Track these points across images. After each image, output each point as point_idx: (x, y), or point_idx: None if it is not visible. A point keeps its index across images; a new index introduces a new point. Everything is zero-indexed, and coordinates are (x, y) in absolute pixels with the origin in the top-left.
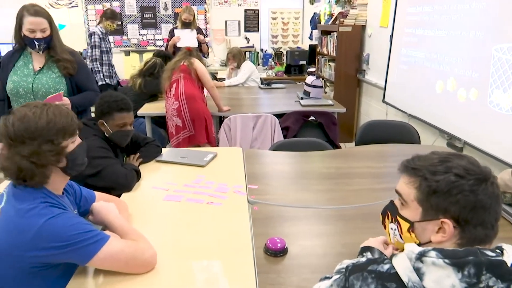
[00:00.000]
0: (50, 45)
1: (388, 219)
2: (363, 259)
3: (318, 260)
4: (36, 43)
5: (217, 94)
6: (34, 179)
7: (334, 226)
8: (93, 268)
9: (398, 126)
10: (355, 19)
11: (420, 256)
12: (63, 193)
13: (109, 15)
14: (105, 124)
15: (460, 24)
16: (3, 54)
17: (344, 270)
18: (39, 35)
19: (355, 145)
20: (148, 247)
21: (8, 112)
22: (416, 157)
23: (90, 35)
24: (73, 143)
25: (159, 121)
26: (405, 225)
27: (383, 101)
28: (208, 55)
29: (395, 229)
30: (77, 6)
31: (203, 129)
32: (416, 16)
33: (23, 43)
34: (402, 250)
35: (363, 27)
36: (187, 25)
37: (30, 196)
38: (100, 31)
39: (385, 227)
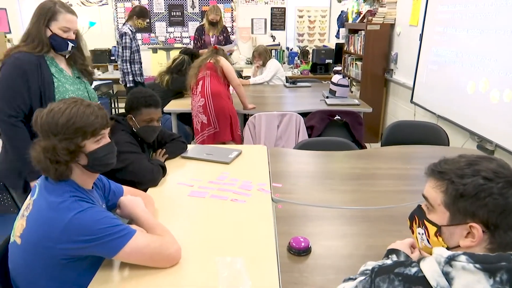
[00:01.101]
0: (77, 49)
1: (415, 223)
2: (389, 261)
3: (342, 261)
4: (70, 45)
5: (242, 92)
6: (49, 173)
7: (358, 227)
8: (119, 261)
9: (427, 127)
10: (383, 17)
11: (450, 260)
12: (92, 188)
13: (139, 13)
14: (133, 118)
15: (495, 22)
16: None
17: (369, 271)
18: (72, 35)
19: (381, 146)
20: (173, 241)
21: None
22: (443, 160)
23: (121, 35)
24: (97, 142)
25: (185, 118)
26: (432, 229)
27: (411, 101)
28: (231, 54)
29: (422, 234)
30: (107, 4)
31: (227, 127)
32: (447, 15)
33: (45, 45)
34: (431, 254)
35: (392, 26)
36: (213, 25)
37: (60, 190)
38: (130, 29)
39: (413, 232)
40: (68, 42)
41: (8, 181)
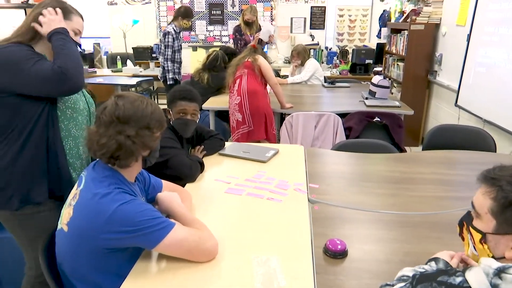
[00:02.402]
0: None
1: (465, 230)
2: (427, 267)
3: (379, 266)
4: (80, 49)
5: (280, 91)
6: (129, 159)
7: (396, 233)
8: (157, 254)
9: (472, 131)
10: (428, 17)
11: (499, 272)
12: (134, 181)
13: (184, 14)
14: (170, 112)
15: None
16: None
17: (406, 277)
18: (79, 40)
19: (422, 150)
20: (210, 236)
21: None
22: (499, 167)
23: (165, 34)
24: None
25: (223, 115)
26: (477, 236)
27: (456, 104)
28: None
29: (469, 240)
30: (150, 2)
31: (262, 125)
32: (500, 13)
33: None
34: (477, 262)
35: (437, 26)
36: (249, 25)
37: (106, 182)
38: (174, 30)
39: (463, 239)
40: (78, 45)
41: None
